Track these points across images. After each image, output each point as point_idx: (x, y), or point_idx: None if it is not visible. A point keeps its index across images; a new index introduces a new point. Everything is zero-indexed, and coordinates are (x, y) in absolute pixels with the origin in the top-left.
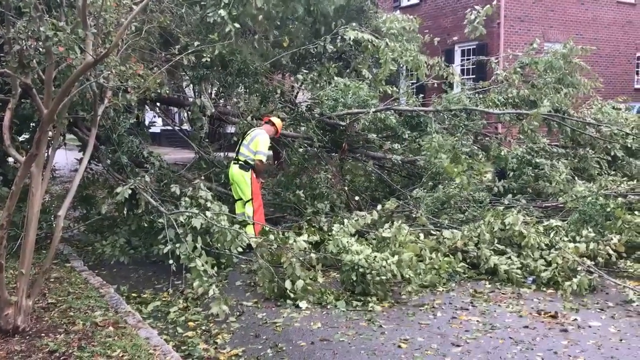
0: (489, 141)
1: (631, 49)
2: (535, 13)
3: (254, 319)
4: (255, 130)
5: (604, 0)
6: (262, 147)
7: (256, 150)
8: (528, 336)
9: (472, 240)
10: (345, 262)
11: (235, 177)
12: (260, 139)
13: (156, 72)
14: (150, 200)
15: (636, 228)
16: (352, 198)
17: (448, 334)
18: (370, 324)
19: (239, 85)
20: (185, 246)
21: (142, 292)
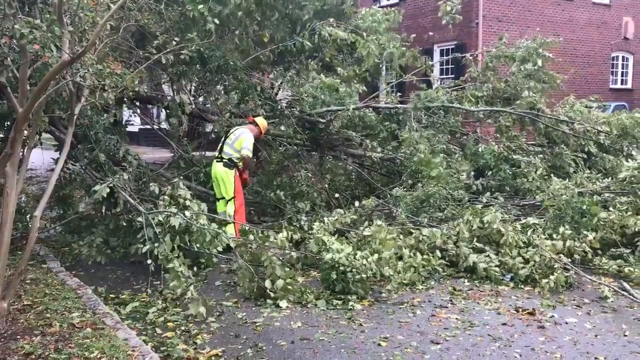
0: (466, 139)
1: (606, 49)
2: (512, 13)
3: (234, 319)
4: (239, 129)
5: (580, 2)
6: (249, 144)
7: (241, 148)
8: (506, 333)
9: (451, 239)
10: (326, 261)
11: (219, 175)
12: (244, 138)
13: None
14: (129, 199)
15: (611, 225)
16: (333, 196)
17: (427, 332)
18: (351, 322)
19: (218, 82)
20: (163, 246)
21: (121, 292)
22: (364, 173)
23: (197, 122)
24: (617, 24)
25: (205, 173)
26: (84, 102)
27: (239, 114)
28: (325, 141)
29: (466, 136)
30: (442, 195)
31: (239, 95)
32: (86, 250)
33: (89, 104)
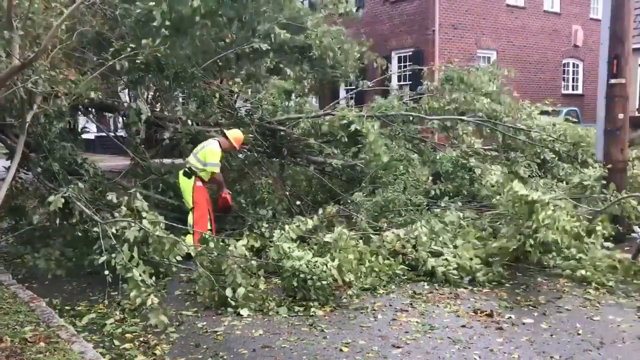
0: (424, 146)
1: (558, 56)
2: (467, 21)
3: (194, 329)
4: (209, 140)
5: (532, 10)
6: (211, 158)
7: (205, 162)
8: (465, 335)
9: (410, 243)
10: (287, 268)
11: (180, 184)
12: (209, 149)
13: (89, 77)
14: (84, 209)
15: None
16: (294, 203)
17: (389, 336)
18: (312, 329)
19: (176, 89)
20: (121, 256)
21: (76, 304)
22: (325, 179)
23: (155, 130)
24: (567, 32)
25: (164, 181)
26: (37, 109)
27: (198, 121)
28: (286, 148)
29: (424, 143)
30: (401, 200)
31: (198, 102)
32: (43, 264)
33: (42, 111)
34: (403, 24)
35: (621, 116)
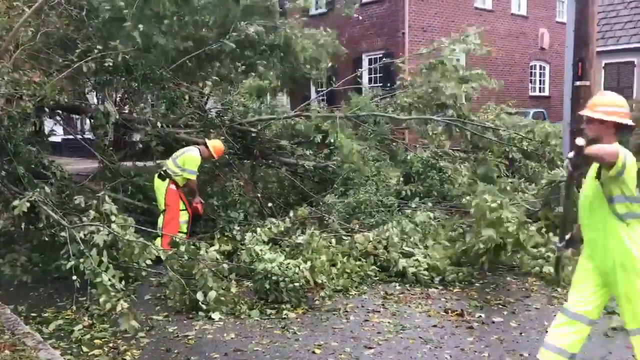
0: (395, 146)
1: (525, 58)
2: (437, 23)
3: (165, 333)
4: (189, 147)
5: (500, 13)
6: (190, 165)
7: (184, 168)
8: (437, 335)
9: (382, 244)
10: (259, 271)
11: (154, 186)
12: (189, 156)
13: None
14: (51, 213)
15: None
16: (265, 205)
17: (361, 337)
18: (285, 331)
19: (145, 91)
20: (90, 260)
21: (43, 311)
22: (297, 181)
23: (124, 132)
24: (534, 35)
25: (133, 183)
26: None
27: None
28: (257, 149)
29: (395, 143)
30: (372, 201)
31: (167, 104)
32: (9, 270)
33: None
34: (373, 26)
35: None
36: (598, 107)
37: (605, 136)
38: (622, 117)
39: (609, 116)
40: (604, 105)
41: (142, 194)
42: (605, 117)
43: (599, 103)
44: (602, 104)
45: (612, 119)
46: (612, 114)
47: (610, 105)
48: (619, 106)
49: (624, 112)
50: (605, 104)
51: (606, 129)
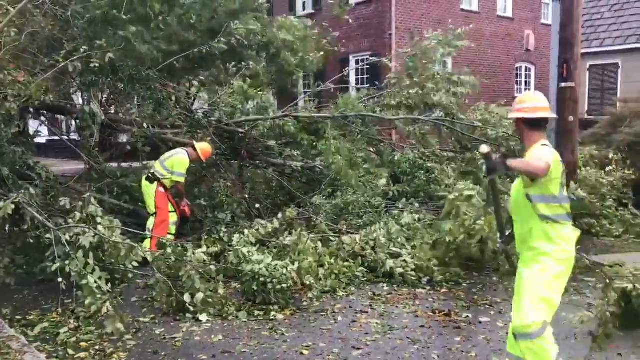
0: (383, 147)
1: (511, 60)
2: (424, 25)
3: (152, 335)
4: (177, 149)
5: (486, 14)
6: (178, 168)
7: (172, 171)
8: (424, 335)
9: (369, 245)
10: (246, 272)
11: (142, 189)
12: (177, 158)
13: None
14: (36, 215)
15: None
16: (253, 206)
17: (349, 338)
18: (273, 332)
19: (131, 91)
20: (75, 262)
21: (28, 313)
22: (285, 182)
23: (110, 133)
24: (519, 37)
25: (119, 185)
26: None
27: (154, 124)
28: (244, 150)
29: (383, 144)
30: (360, 202)
31: (153, 104)
32: None
33: None
34: (360, 27)
35: (571, 119)
36: (512, 108)
37: (525, 135)
38: (527, 112)
39: (513, 113)
40: (515, 104)
41: (128, 195)
42: (511, 115)
43: (514, 104)
44: (514, 104)
45: (515, 116)
46: (515, 111)
47: (517, 103)
48: (523, 102)
49: (529, 107)
50: (515, 103)
51: (521, 128)
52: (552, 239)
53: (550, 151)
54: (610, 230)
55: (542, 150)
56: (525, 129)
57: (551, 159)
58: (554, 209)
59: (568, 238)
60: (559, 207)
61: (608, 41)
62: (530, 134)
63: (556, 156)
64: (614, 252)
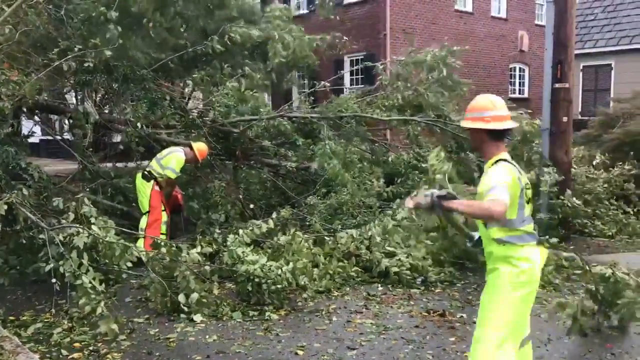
0: (377, 147)
1: (505, 60)
2: (418, 25)
3: (146, 336)
4: (174, 147)
5: (480, 15)
6: (173, 165)
7: (166, 166)
8: (419, 335)
9: (364, 244)
10: (241, 273)
11: (137, 187)
12: (174, 157)
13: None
14: (29, 215)
15: None
16: (247, 206)
17: (344, 338)
18: (267, 333)
19: (125, 91)
20: (70, 263)
21: (21, 314)
22: (279, 182)
23: (104, 133)
24: (513, 37)
25: (113, 185)
26: None
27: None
28: (239, 150)
29: (377, 144)
30: (354, 203)
31: (147, 105)
32: None
33: None
34: (355, 27)
35: (565, 119)
36: (467, 114)
37: (485, 146)
38: (493, 123)
39: (474, 123)
40: (471, 111)
41: (122, 195)
42: (470, 124)
43: (468, 109)
44: (470, 110)
45: (477, 126)
46: (476, 119)
47: (476, 109)
48: (483, 109)
49: (495, 116)
50: (472, 109)
51: (481, 137)
52: (510, 261)
53: (507, 175)
54: (602, 231)
55: (497, 179)
56: (487, 140)
57: (507, 190)
58: (510, 232)
59: (528, 258)
60: (516, 230)
61: (601, 42)
62: (491, 145)
63: (513, 175)
64: (608, 253)
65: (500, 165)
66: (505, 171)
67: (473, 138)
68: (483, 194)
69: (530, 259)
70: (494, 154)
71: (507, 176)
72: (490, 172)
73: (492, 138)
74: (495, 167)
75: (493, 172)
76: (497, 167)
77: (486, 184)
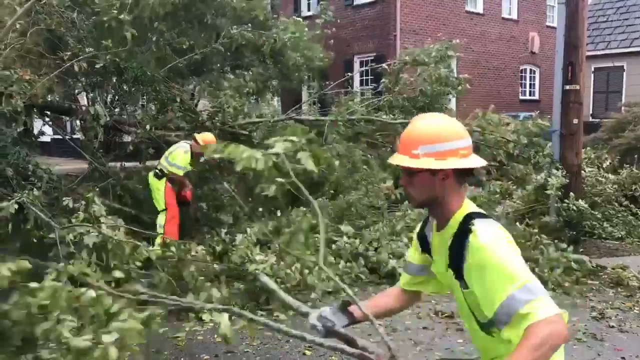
0: (385, 150)
1: (516, 62)
2: (428, 26)
3: (155, 334)
4: (180, 143)
5: (491, 16)
6: (179, 161)
7: (172, 163)
8: (427, 337)
9: (372, 245)
10: (250, 272)
11: (150, 186)
12: (180, 152)
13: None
14: (40, 214)
15: None
16: (256, 207)
17: None
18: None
19: (135, 93)
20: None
21: None
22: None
23: (114, 134)
24: (524, 39)
25: (122, 187)
26: None
27: (157, 125)
28: None
29: (385, 147)
30: (363, 204)
31: (158, 106)
32: None
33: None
34: (365, 28)
35: (576, 121)
36: (421, 149)
37: (446, 194)
38: (465, 158)
39: (440, 161)
40: (430, 143)
41: (131, 197)
42: (434, 163)
43: (418, 140)
44: (426, 141)
45: (448, 166)
46: (445, 154)
47: (441, 139)
48: (454, 138)
49: (466, 148)
50: (431, 140)
51: (436, 182)
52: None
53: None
54: (612, 233)
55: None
56: (454, 184)
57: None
58: None
59: None
60: None
61: (613, 44)
62: (456, 193)
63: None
64: (618, 255)
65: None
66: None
67: (426, 185)
68: (502, 308)
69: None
70: (459, 205)
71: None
72: (490, 254)
73: (462, 179)
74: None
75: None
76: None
77: (500, 286)
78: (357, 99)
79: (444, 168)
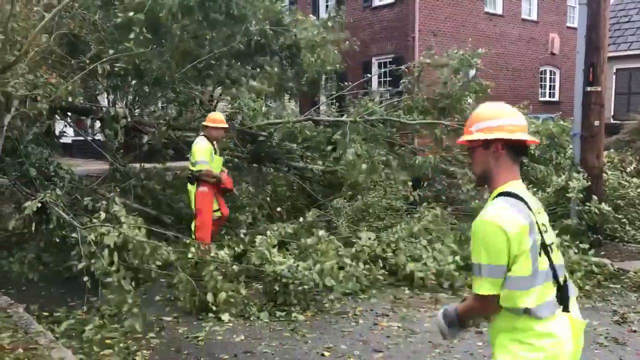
0: (404, 150)
1: (535, 63)
2: (447, 28)
3: (175, 334)
4: (195, 139)
5: (510, 17)
6: (199, 156)
7: (194, 161)
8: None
9: (390, 247)
10: (268, 273)
11: (188, 192)
12: (197, 148)
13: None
14: (62, 214)
15: None
16: (274, 209)
17: (370, 341)
18: (294, 333)
19: (155, 94)
20: (101, 261)
21: (55, 310)
22: (305, 185)
23: (134, 135)
24: (544, 40)
25: (142, 187)
26: (14, 113)
27: (177, 126)
28: (266, 153)
29: (404, 147)
30: (381, 205)
31: (178, 107)
32: (17, 267)
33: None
34: (383, 30)
35: (597, 123)
36: (474, 126)
37: (496, 168)
38: (512, 133)
39: (488, 133)
40: (481, 121)
41: (151, 198)
42: (482, 135)
43: (473, 121)
44: (477, 120)
45: (494, 136)
46: (492, 129)
47: (489, 118)
48: (499, 116)
49: (513, 125)
50: (481, 119)
51: (489, 156)
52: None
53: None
54: (634, 236)
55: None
56: (505, 160)
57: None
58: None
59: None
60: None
61: (636, 44)
62: (505, 168)
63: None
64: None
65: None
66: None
67: (481, 159)
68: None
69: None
70: (506, 180)
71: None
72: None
73: (510, 157)
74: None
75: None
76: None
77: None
78: (376, 99)
79: (488, 138)
